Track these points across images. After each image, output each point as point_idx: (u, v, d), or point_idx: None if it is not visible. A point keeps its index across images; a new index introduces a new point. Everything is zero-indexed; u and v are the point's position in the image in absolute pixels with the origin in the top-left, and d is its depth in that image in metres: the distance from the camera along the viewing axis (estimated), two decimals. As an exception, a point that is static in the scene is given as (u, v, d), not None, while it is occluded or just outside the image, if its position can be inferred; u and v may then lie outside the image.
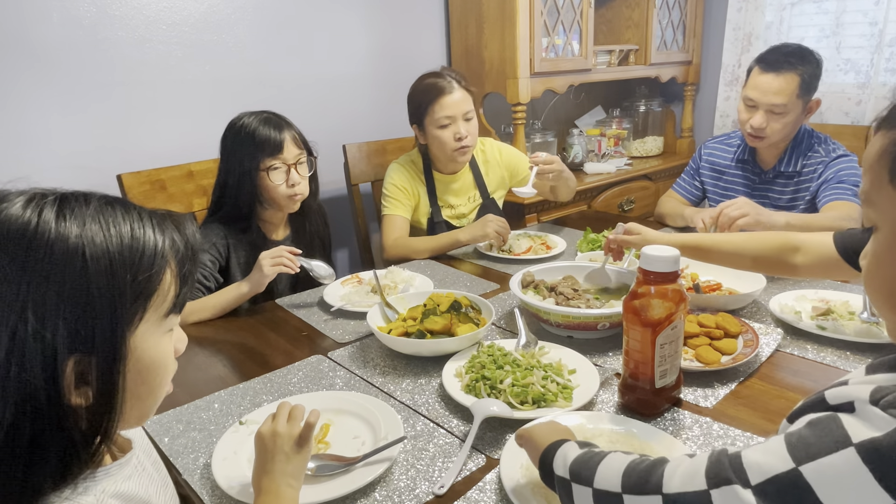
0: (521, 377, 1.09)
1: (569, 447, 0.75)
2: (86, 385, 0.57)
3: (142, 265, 0.60)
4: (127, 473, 0.67)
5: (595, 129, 3.24)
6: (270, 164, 1.64)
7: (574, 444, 0.76)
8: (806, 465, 0.51)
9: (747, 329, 1.26)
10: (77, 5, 1.88)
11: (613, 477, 0.65)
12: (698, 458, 0.61)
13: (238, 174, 1.65)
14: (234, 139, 1.66)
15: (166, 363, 0.67)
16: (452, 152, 2.00)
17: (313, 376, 1.25)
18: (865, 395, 0.52)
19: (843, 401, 0.54)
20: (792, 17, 2.96)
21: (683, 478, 0.59)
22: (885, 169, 0.56)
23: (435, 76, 1.99)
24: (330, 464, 0.93)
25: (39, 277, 0.55)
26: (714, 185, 2.18)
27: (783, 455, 0.53)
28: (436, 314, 1.33)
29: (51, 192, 0.60)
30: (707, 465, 0.59)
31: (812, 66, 1.85)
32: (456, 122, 1.97)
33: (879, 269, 0.60)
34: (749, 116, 1.92)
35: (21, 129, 1.85)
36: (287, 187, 1.67)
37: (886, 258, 0.59)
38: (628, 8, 3.06)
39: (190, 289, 0.68)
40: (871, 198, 0.59)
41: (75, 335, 0.56)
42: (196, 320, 1.54)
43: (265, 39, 2.28)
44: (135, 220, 0.61)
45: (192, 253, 0.67)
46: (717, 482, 0.56)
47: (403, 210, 2.07)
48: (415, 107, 2.02)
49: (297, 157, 1.68)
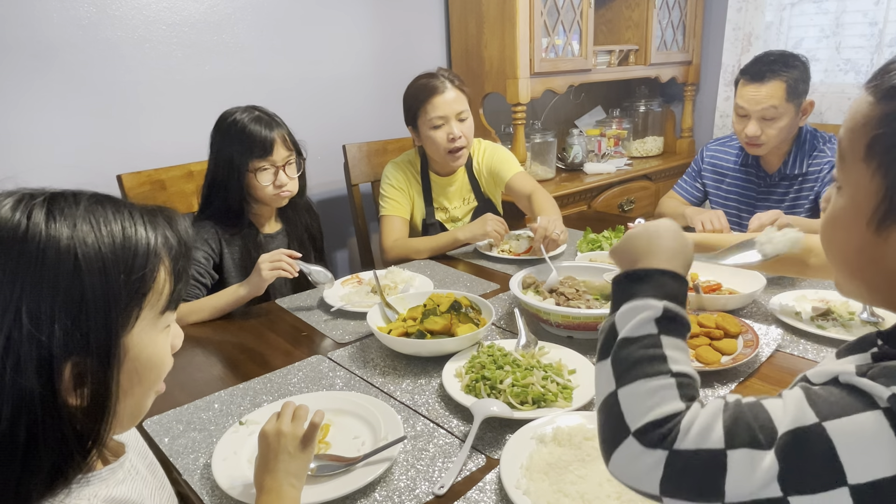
0: (521, 377, 1.09)
1: (649, 309, 0.63)
2: (83, 386, 0.57)
3: (135, 264, 0.60)
4: (120, 477, 0.66)
5: (595, 129, 3.24)
6: (259, 165, 1.63)
7: (660, 309, 0.63)
8: (830, 421, 0.50)
9: (747, 329, 1.26)
10: (77, 5, 1.88)
11: (639, 398, 0.58)
12: (712, 408, 0.55)
13: (227, 171, 1.64)
14: (224, 135, 1.64)
15: (163, 360, 0.67)
16: (446, 153, 1.98)
17: (313, 376, 1.25)
18: (852, 369, 0.53)
19: (828, 377, 0.55)
20: (792, 17, 2.96)
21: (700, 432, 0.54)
22: (863, 144, 0.57)
23: (428, 76, 1.98)
24: (330, 464, 0.93)
25: (32, 280, 0.54)
26: (716, 188, 2.18)
27: (806, 410, 0.52)
28: (436, 314, 1.33)
29: (39, 193, 0.59)
30: (725, 421, 0.54)
31: (797, 70, 1.87)
32: (449, 122, 1.95)
33: (834, 233, 0.62)
34: (743, 126, 1.94)
35: (21, 129, 1.85)
36: (274, 188, 1.66)
37: (842, 224, 0.60)
38: (628, 8, 3.06)
39: (185, 285, 0.67)
40: (845, 157, 0.60)
41: (71, 337, 0.55)
42: (194, 321, 1.54)
43: (265, 39, 2.28)
44: (126, 218, 0.61)
45: (186, 249, 0.66)
46: (735, 442, 0.52)
47: (401, 210, 2.07)
48: (408, 107, 2.01)
49: (286, 158, 1.67)
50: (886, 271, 0.57)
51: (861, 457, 0.49)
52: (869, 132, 0.56)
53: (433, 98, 1.93)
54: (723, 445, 0.53)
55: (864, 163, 0.57)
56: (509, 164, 2.13)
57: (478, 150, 2.16)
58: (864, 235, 0.57)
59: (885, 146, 0.55)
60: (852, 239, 0.59)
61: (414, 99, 1.98)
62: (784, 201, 2.02)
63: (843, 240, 0.61)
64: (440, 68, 2.03)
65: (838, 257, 0.63)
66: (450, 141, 1.96)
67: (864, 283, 0.61)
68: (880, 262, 0.57)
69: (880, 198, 0.56)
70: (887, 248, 0.56)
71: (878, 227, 0.56)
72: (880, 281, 0.59)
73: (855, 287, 0.63)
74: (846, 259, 0.62)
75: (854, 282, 0.63)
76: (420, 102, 1.96)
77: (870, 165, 0.56)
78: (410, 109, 2.00)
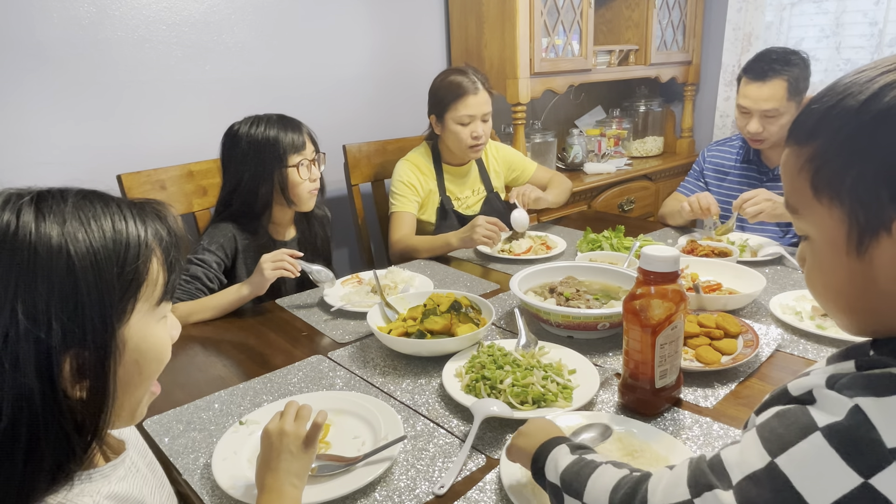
0: (521, 377, 1.09)
1: (560, 452, 0.75)
2: (83, 379, 0.58)
3: (127, 257, 0.60)
4: (121, 474, 0.67)
5: (595, 129, 3.25)
6: (298, 160, 1.68)
7: (566, 447, 0.76)
8: (780, 456, 0.52)
9: (747, 329, 1.26)
10: (77, 5, 1.88)
11: (602, 494, 0.66)
12: (679, 468, 0.61)
13: (258, 177, 1.66)
14: (249, 143, 1.66)
15: (162, 350, 0.67)
16: (467, 148, 2.09)
17: (313, 376, 1.25)
18: (822, 382, 0.54)
19: (804, 391, 0.55)
20: (792, 17, 2.96)
21: (666, 490, 0.60)
22: (807, 188, 0.58)
23: (461, 74, 2.07)
24: (330, 464, 0.93)
25: (26, 279, 0.55)
26: (718, 187, 2.20)
27: (759, 450, 0.54)
28: (436, 314, 1.33)
29: (27, 192, 0.59)
30: (688, 474, 0.59)
31: (798, 68, 1.91)
32: (475, 121, 2.07)
33: (821, 277, 0.61)
34: (745, 122, 1.99)
35: (21, 129, 1.85)
36: (310, 182, 1.72)
37: (825, 266, 0.59)
38: (628, 8, 3.06)
39: (178, 275, 0.68)
40: (798, 210, 0.60)
41: (68, 333, 0.56)
42: (196, 320, 1.54)
43: (265, 40, 2.28)
44: (115, 212, 0.61)
45: (177, 239, 0.67)
46: (698, 490, 0.57)
47: (412, 206, 2.13)
48: (437, 100, 2.10)
49: (314, 153, 1.74)
50: (881, 293, 0.56)
51: (816, 482, 0.50)
52: (807, 175, 0.57)
53: (466, 97, 2.04)
54: (689, 496, 0.57)
55: (817, 202, 0.57)
56: (526, 162, 2.38)
57: (489, 148, 2.30)
58: (849, 266, 0.56)
59: (826, 178, 0.56)
60: (840, 275, 0.58)
61: (447, 92, 2.07)
62: None
63: (831, 281, 0.60)
64: (468, 65, 2.14)
65: (833, 299, 0.61)
66: (473, 139, 2.08)
67: (866, 313, 0.59)
68: (872, 286, 0.56)
69: (847, 224, 0.55)
70: (874, 269, 0.55)
71: (858, 252, 0.55)
72: (880, 304, 0.57)
73: (860, 322, 0.60)
74: (840, 295, 0.60)
75: (856, 316, 0.60)
76: (452, 99, 2.05)
77: (822, 202, 0.57)
78: (441, 102, 2.08)
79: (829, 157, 0.56)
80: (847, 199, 0.54)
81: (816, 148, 0.56)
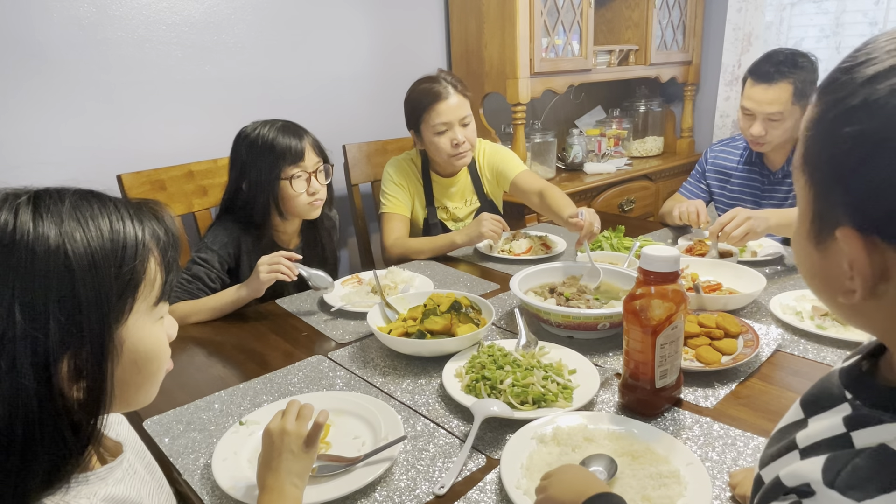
0: (522, 377, 1.09)
1: None
2: (81, 380, 0.58)
3: (125, 257, 0.60)
4: (118, 476, 0.67)
5: (595, 129, 3.24)
6: (292, 172, 1.62)
7: None
8: None
9: (747, 329, 1.26)
10: (77, 5, 1.88)
11: None
12: None
13: (255, 185, 1.62)
14: (249, 149, 1.63)
15: (160, 350, 0.67)
16: (450, 157, 1.98)
17: (313, 377, 1.25)
18: (819, 476, 0.47)
19: (800, 482, 0.49)
20: (792, 17, 2.96)
21: None
22: (800, 151, 0.50)
23: (430, 81, 1.96)
24: (330, 464, 0.93)
25: (23, 280, 0.55)
26: (721, 188, 2.19)
27: None
28: (436, 314, 1.33)
29: (23, 192, 0.59)
30: None
31: (805, 72, 1.84)
32: (453, 128, 1.94)
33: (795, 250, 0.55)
34: (748, 124, 1.94)
35: (21, 129, 1.85)
36: (308, 195, 1.66)
37: (795, 240, 0.54)
38: (628, 8, 3.06)
39: (176, 275, 0.68)
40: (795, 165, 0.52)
41: (65, 333, 0.56)
42: (195, 321, 1.54)
43: (265, 40, 2.28)
44: (112, 212, 0.61)
45: (174, 239, 0.67)
46: None
47: (402, 208, 2.07)
48: (410, 112, 2.00)
49: (317, 164, 1.68)
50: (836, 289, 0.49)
51: None
52: (803, 139, 0.49)
53: (436, 104, 1.92)
54: None
55: (801, 171, 0.50)
56: (513, 163, 2.12)
57: (479, 151, 2.16)
58: (812, 255, 0.50)
59: (812, 150, 0.48)
60: (806, 260, 0.52)
61: (417, 104, 1.96)
62: (788, 198, 2.02)
63: (801, 261, 0.54)
64: (441, 71, 2.03)
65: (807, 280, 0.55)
66: (454, 146, 1.96)
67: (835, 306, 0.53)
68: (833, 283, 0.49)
69: (814, 209, 0.49)
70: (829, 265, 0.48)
71: (817, 243, 0.49)
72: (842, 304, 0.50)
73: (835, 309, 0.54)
74: (810, 280, 0.54)
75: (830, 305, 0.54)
76: (423, 108, 1.94)
77: (804, 173, 0.49)
78: (413, 114, 1.99)
79: (818, 129, 0.48)
80: (817, 181, 0.48)
81: (821, 110, 0.47)
